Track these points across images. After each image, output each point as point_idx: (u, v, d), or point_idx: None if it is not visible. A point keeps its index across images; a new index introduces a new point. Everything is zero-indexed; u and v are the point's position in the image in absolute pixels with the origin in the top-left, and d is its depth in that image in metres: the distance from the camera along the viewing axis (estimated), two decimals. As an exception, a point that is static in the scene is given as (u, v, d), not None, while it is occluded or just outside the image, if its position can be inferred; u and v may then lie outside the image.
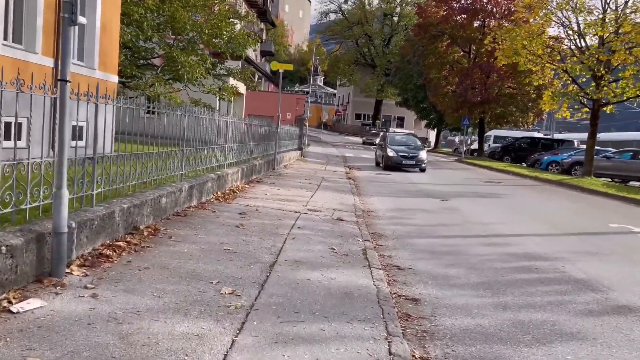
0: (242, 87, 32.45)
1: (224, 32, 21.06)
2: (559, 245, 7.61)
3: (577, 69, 18.61)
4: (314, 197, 10.53)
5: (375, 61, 65.90)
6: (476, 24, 33.24)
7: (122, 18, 18.23)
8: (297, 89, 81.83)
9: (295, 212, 8.32)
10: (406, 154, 19.74)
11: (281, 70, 15.88)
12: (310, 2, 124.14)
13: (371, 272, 5.09)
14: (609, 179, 19.29)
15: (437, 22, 33.87)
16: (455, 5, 33.58)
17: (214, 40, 21.50)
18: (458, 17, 33.30)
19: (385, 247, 6.78)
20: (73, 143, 4.80)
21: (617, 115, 19.91)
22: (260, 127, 13.91)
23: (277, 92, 62.85)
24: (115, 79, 15.45)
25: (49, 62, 11.38)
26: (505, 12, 30.80)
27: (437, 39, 34.02)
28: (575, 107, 20.49)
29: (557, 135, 44.40)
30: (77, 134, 5.23)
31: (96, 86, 4.98)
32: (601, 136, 44.94)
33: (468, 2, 32.72)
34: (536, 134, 41.10)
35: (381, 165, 20.68)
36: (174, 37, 21.09)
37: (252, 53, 46.88)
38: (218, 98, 22.49)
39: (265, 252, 5.37)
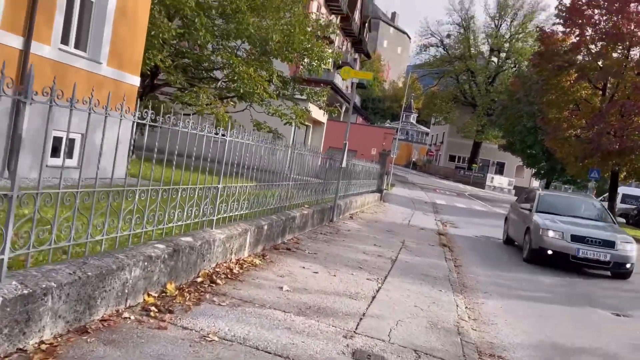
0: (320, 115, 28.09)
1: (297, 40, 16.84)
2: None
3: None
4: (378, 298, 5.41)
5: (476, 100, 59.60)
6: (615, 54, 26.53)
7: (166, 9, 14.62)
8: (387, 125, 76.92)
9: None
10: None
11: (355, 80, 11.05)
12: (410, 38, 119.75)
13: None
14: None
15: (564, 50, 27.55)
16: (589, 30, 27.09)
17: (285, 51, 17.39)
18: (592, 45, 26.77)
19: None
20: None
21: None
22: (313, 157, 9.10)
23: (365, 124, 58.11)
24: (135, 80, 11.48)
25: (14, 41, 7.97)
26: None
27: (562, 71, 27.59)
28: None
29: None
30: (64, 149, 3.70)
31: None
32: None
33: (608, 25, 26.16)
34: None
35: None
36: (244, 45, 17.35)
37: (341, 83, 43.12)
38: (284, 122, 18.18)
39: None
